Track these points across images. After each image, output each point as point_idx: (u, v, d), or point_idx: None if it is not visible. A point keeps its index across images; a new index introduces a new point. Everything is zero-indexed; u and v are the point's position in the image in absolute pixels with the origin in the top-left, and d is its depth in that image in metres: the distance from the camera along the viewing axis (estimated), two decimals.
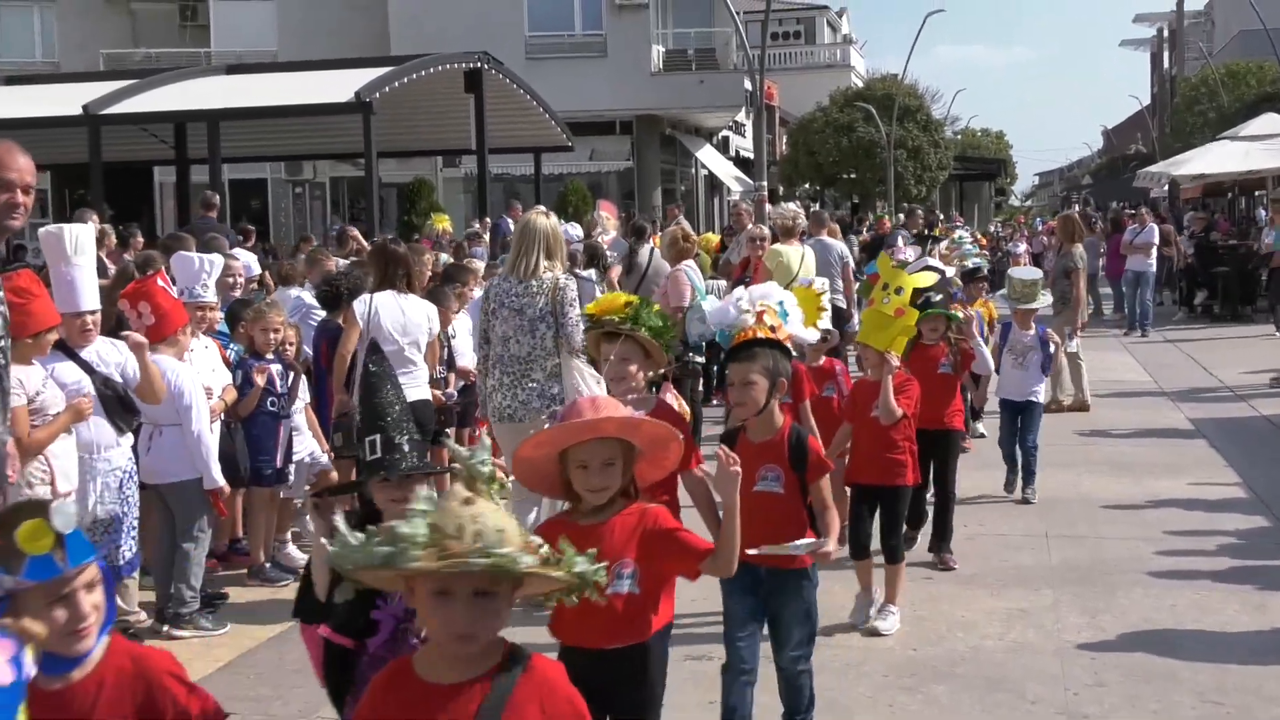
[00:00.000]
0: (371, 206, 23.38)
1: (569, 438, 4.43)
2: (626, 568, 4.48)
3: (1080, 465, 13.07)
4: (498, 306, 8.84)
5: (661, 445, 4.58)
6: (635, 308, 6.35)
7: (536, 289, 8.73)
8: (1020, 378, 11.64)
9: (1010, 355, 11.67)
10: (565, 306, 8.70)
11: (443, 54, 26.00)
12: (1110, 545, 10.02)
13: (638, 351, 6.32)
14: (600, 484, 4.46)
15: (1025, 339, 11.70)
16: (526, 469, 4.53)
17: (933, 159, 53.86)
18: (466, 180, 39.34)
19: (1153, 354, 22.07)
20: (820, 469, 5.89)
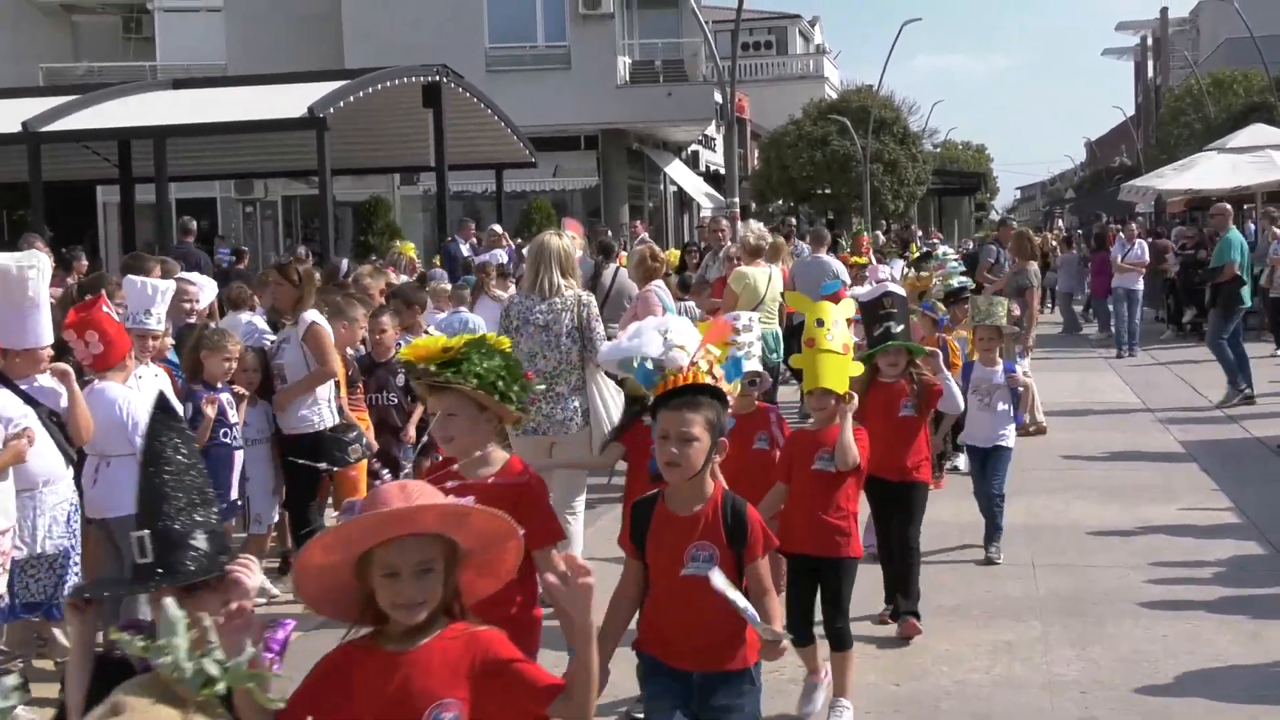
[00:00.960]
0: (326, 226, 23.34)
1: (373, 534, 3.54)
2: (448, 710, 3.59)
3: (1068, 490, 13.11)
4: (521, 324, 9.41)
5: (496, 543, 3.73)
6: (460, 350, 5.23)
7: (561, 306, 9.40)
8: (988, 421, 10.66)
9: (975, 396, 10.62)
10: (591, 322, 9.42)
11: (400, 67, 26.00)
12: (1100, 574, 10.05)
13: (466, 406, 5.24)
14: (414, 597, 3.57)
15: (991, 377, 10.70)
16: (311, 582, 3.61)
17: (910, 173, 54.12)
18: (425, 198, 39.29)
19: (1140, 374, 22.16)
20: (763, 545, 5.04)
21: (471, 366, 5.20)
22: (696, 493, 5.04)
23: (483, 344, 5.31)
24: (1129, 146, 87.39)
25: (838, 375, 7.11)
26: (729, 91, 30.85)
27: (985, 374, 10.77)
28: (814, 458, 7.17)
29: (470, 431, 5.29)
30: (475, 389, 5.18)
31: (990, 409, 10.64)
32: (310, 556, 3.56)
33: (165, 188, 22.57)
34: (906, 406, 8.67)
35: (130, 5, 43.36)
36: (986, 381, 10.69)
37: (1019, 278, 16.94)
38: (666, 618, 5.00)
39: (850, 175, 51.81)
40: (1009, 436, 10.75)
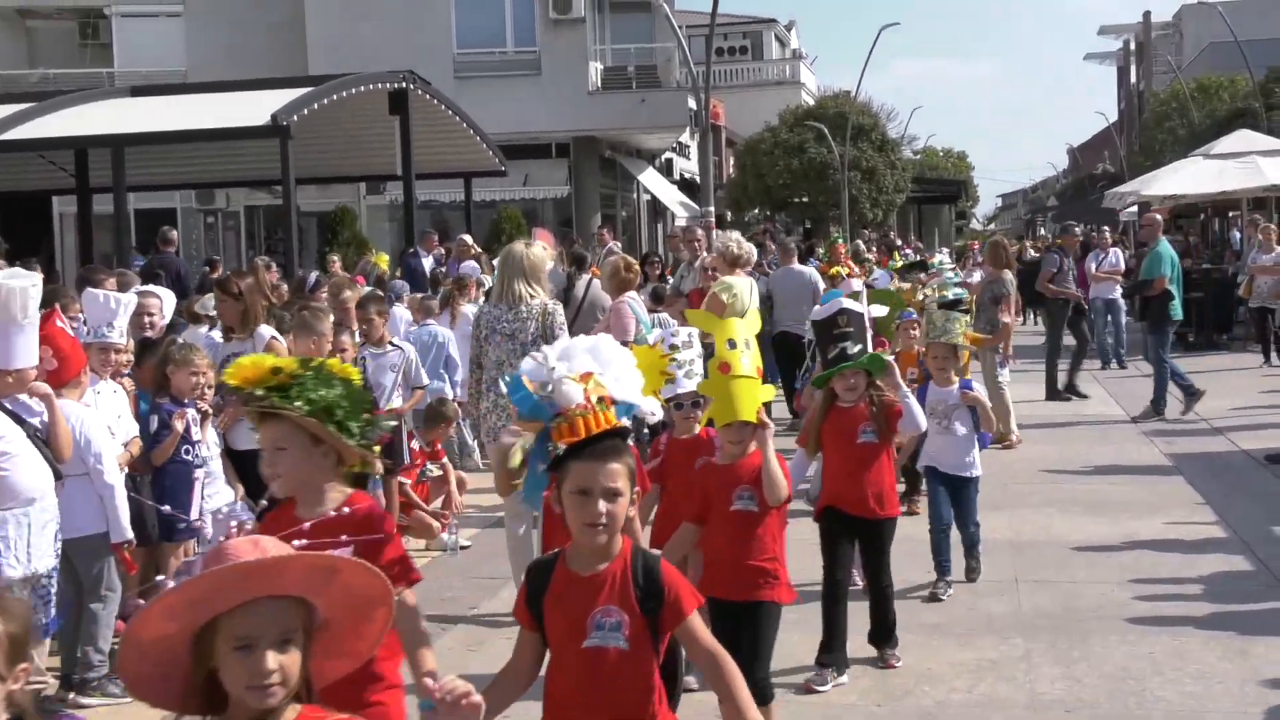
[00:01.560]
0: (290, 237, 23.27)
1: (228, 592, 3.00)
2: None
3: (1051, 505, 13.15)
4: (489, 333, 10.09)
5: (362, 610, 3.22)
6: (293, 374, 4.71)
7: (526, 315, 10.03)
8: (949, 445, 10.22)
9: (932, 419, 9.92)
10: (555, 330, 9.94)
11: (365, 73, 25.96)
12: (1084, 590, 10.09)
13: (297, 438, 4.71)
14: (272, 675, 3.03)
15: (947, 398, 10.20)
16: (137, 658, 3.06)
17: (889, 181, 54.25)
18: (392, 208, 39.22)
19: (1125, 385, 22.24)
20: (689, 600, 4.43)
21: (304, 392, 4.66)
22: (602, 550, 4.40)
23: (321, 369, 4.79)
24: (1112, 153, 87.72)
25: (753, 403, 6.57)
26: (703, 98, 30.92)
27: (941, 394, 10.22)
28: (732, 496, 6.65)
29: (301, 468, 4.73)
30: (305, 416, 4.64)
31: (949, 432, 10.18)
32: (144, 625, 2.99)
33: (124, 198, 22.46)
34: (866, 431, 8.20)
35: (87, 10, 43.19)
36: (943, 402, 10.18)
37: (994, 286, 17.00)
38: (569, 696, 4.40)
39: (828, 183, 51.90)
40: (976, 464, 10.32)
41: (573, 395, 4.60)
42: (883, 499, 8.26)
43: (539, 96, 40.16)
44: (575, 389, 4.62)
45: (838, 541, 8.24)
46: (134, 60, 41.03)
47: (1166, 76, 72.08)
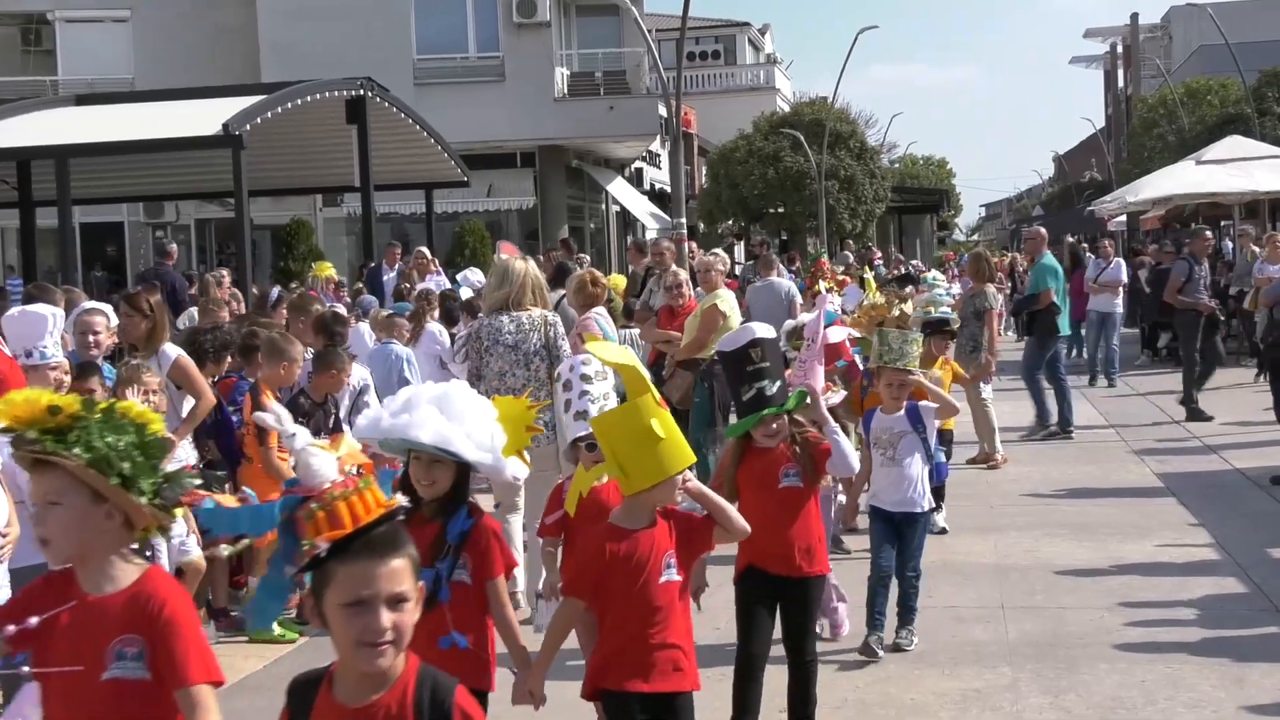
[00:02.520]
0: (243, 251, 23.22)
1: None
2: None
3: (1037, 527, 13.17)
4: (491, 344, 10.84)
5: None
6: (74, 414, 4.01)
7: (529, 326, 10.85)
8: (895, 479, 9.38)
9: (876, 450, 9.47)
10: (558, 340, 10.87)
11: (321, 80, 25.93)
12: (1073, 616, 10.11)
13: (74, 493, 4.01)
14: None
15: (893, 425, 9.42)
16: None
17: (868, 190, 54.39)
18: (350, 220, 39.17)
19: (1114, 403, 22.31)
20: None
21: (85, 437, 3.96)
22: (379, 676, 3.67)
23: (111, 412, 4.05)
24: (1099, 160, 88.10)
25: (658, 462, 5.60)
26: (674, 104, 30.90)
27: (887, 422, 9.46)
28: (661, 568, 5.70)
29: (76, 530, 4.01)
30: (84, 466, 3.94)
31: (895, 463, 9.36)
32: None
33: (68, 211, 22.40)
34: (789, 475, 7.35)
35: (29, 15, 43.01)
36: (888, 431, 9.42)
37: (977, 300, 17.04)
38: None
39: (804, 193, 51.99)
40: (924, 499, 9.47)
41: (324, 471, 3.76)
42: (811, 553, 7.38)
43: (503, 104, 40.16)
44: (327, 462, 3.79)
45: (757, 607, 7.32)
46: (79, 67, 40.86)
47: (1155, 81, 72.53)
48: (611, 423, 5.77)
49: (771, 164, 52.18)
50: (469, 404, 5.53)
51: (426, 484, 5.61)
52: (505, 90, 40.82)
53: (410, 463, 5.64)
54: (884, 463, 9.42)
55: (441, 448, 5.45)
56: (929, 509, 9.73)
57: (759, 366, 7.16)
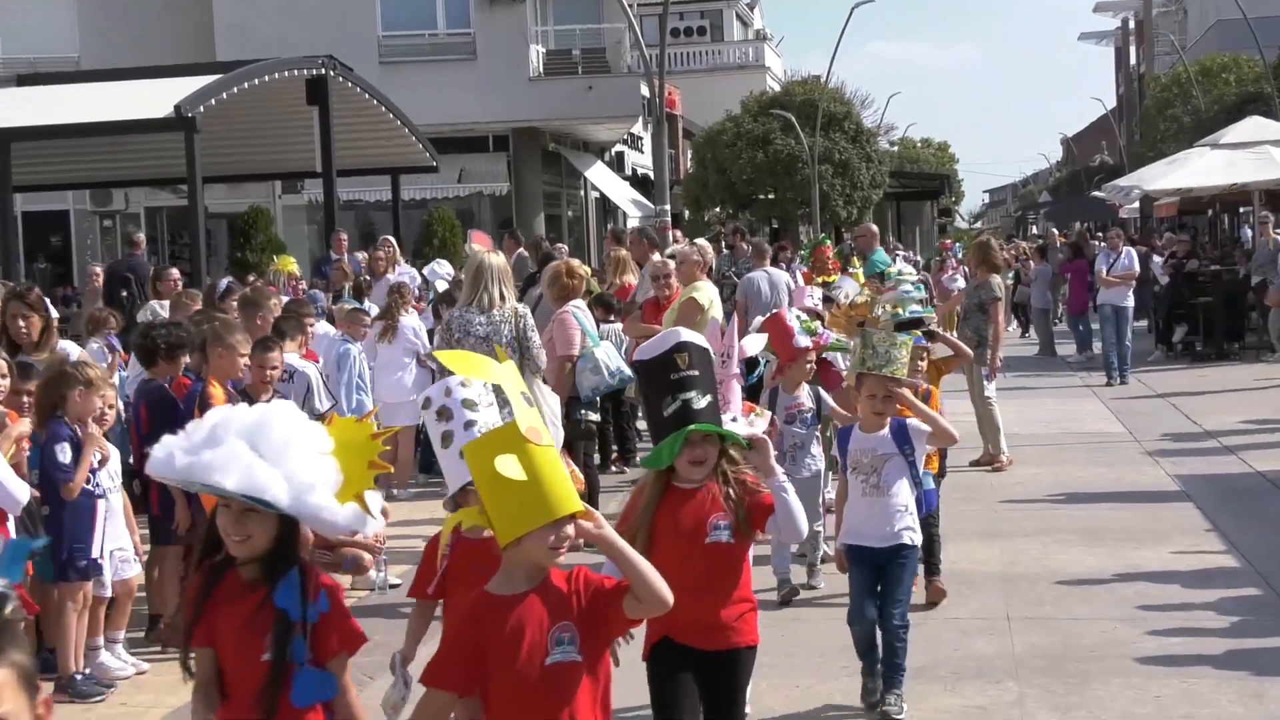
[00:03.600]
0: (197, 242, 23.19)
1: None
2: None
3: (1046, 533, 13.19)
4: (462, 336, 11.51)
5: None
6: None
7: (500, 318, 11.63)
8: (879, 510, 8.38)
9: (854, 476, 8.51)
10: (528, 332, 11.73)
11: (280, 59, 25.90)
12: (1083, 627, 10.13)
13: None
14: None
15: (876, 446, 8.47)
16: None
17: (864, 175, 54.39)
18: (311, 208, 39.16)
19: (1127, 401, 22.35)
20: None
21: None
22: None
23: None
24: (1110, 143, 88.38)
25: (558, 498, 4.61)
26: (657, 84, 30.91)
27: (868, 442, 8.52)
28: (546, 646, 4.66)
29: None
30: None
31: (879, 491, 8.39)
32: None
33: (9, 199, 22.34)
34: (718, 527, 6.11)
35: None
36: (870, 453, 8.47)
37: (981, 291, 17.05)
38: None
39: (796, 178, 51.97)
40: (912, 532, 8.45)
41: None
42: (743, 623, 6.21)
43: (474, 84, 40.14)
44: None
45: (675, 688, 6.19)
46: (20, 46, 40.76)
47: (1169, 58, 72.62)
48: (471, 454, 4.77)
49: (761, 147, 52.17)
50: (292, 435, 4.68)
51: (238, 539, 4.74)
52: (477, 69, 40.81)
53: (219, 510, 4.81)
54: (865, 491, 8.42)
55: (251, 495, 4.60)
56: (918, 543, 8.59)
57: (685, 375, 6.01)
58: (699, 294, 14.78)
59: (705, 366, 6.11)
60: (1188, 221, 43.56)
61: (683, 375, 6.00)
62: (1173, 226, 41.64)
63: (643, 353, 6.27)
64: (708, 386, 6.06)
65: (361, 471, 4.86)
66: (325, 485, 4.67)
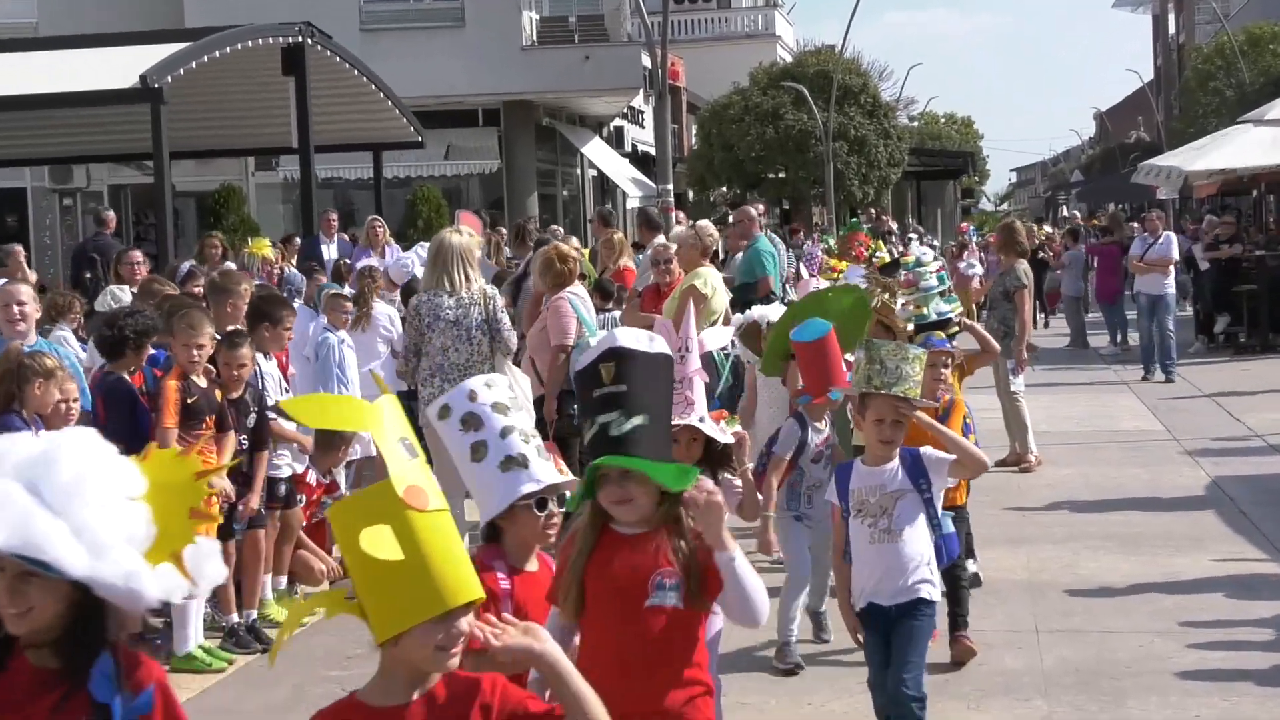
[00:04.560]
0: (164, 222, 23.15)
1: None
2: None
3: (1077, 539, 13.18)
4: (432, 320, 12.13)
5: None
6: None
7: (469, 301, 12.16)
8: (892, 562, 7.45)
9: (860, 522, 7.50)
10: (498, 314, 12.29)
11: (253, 26, 25.86)
12: (1117, 641, 10.12)
13: None
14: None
15: (886, 483, 7.49)
16: None
17: (882, 153, 54.37)
18: (287, 186, 39.11)
19: (1165, 396, 22.33)
20: None
21: None
22: None
23: None
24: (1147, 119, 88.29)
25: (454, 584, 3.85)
26: (659, 54, 30.89)
27: (873, 478, 7.53)
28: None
29: None
30: None
31: (893, 537, 7.43)
32: None
33: None
34: (664, 588, 5.08)
35: None
36: (879, 490, 7.49)
37: (1007, 278, 17.02)
38: None
39: (809, 156, 51.93)
40: (930, 585, 7.52)
41: None
42: (693, 710, 5.18)
43: (462, 53, 40.09)
44: None
45: None
46: None
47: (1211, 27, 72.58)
48: (337, 520, 3.91)
49: (771, 122, 52.13)
50: (86, 473, 3.75)
51: (15, 613, 3.81)
52: (465, 38, 40.75)
53: None
54: (874, 538, 7.45)
55: (26, 555, 3.69)
56: (937, 598, 7.66)
57: (608, 392, 5.13)
58: (700, 280, 14.70)
59: (646, 381, 5.17)
60: (1230, 203, 43.51)
61: (605, 392, 5.12)
62: (1214, 208, 41.59)
63: (580, 363, 5.41)
64: (644, 406, 5.09)
65: (181, 523, 3.90)
66: (131, 542, 3.72)
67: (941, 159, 77.96)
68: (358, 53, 28.97)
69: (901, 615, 7.37)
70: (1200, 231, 32.95)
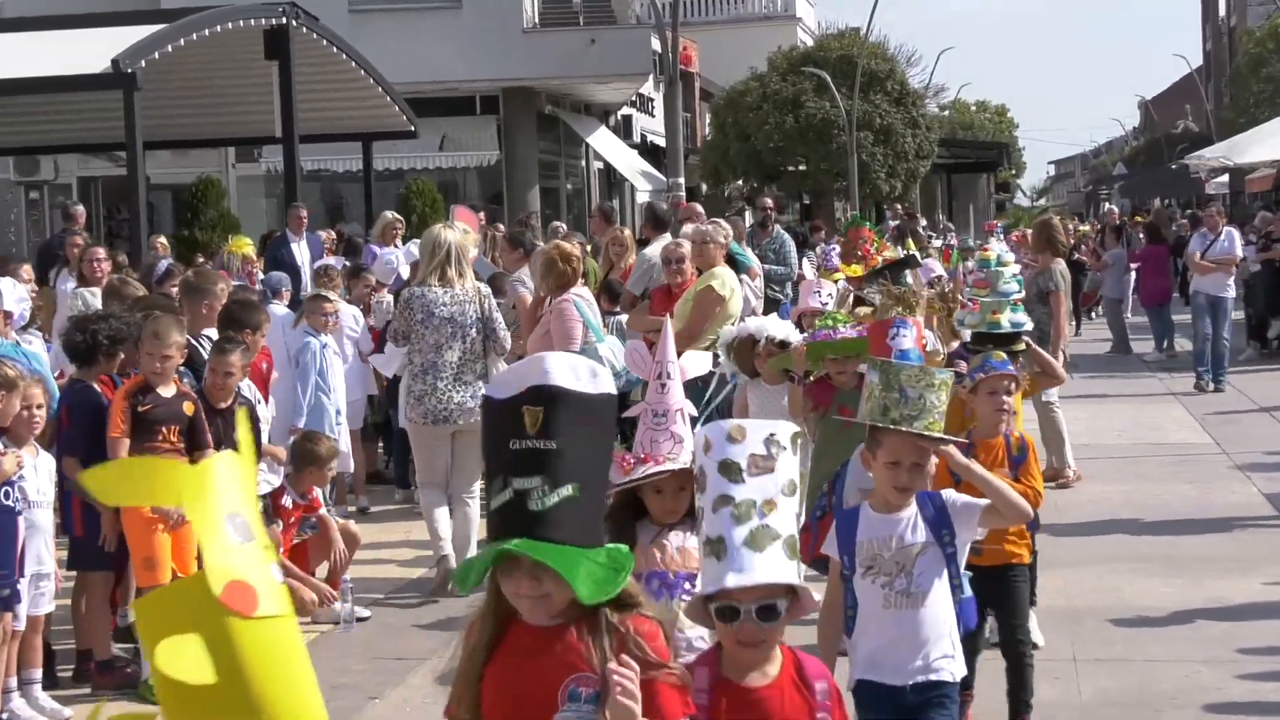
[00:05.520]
0: (137, 217, 23.19)
1: None
2: None
3: (1117, 561, 13.16)
4: (426, 316, 12.48)
5: None
6: None
7: (464, 298, 12.53)
8: (909, 630, 6.53)
9: (871, 581, 6.55)
10: (493, 312, 12.69)
11: (233, 7, 25.91)
12: (1161, 670, 10.11)
13: None
14: None
15: (900, 532, 6.56)
16: None
17: (910, 143, 54.37)
18: (270, 179, 39.14)
19: (1213, 406, 22.27)
20: None
21: None
22: None
23: None
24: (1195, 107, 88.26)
25: None
26: (670, 37, 30.94)
27: (887, 529, 6.58)
28: None
29: None
30: None
31: (914, 601, 6.50)
32: None
33: None
34: (578, 700, 4.32)
35: None
36: (894, 544, 6.55)
37: (1042, 279, 16.98)
38: None
39: (831, 146, 51.95)
40: (952, 660, 6.60)
41: None
42: None
43: (459, 36, 40.12)
44: None
45: None
46: None
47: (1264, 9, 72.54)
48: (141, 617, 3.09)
49: (791, 111, 52.15)
50: None
51: None
52: (461, 19, 40.80)
53: None
54: (890, 600, 6.54)
55: None
56: (959, 678, 6.73)
57: (530, 447, 4.23)
58: (717, 281, 14.34)
59: (583, 433, 4.29)
60: None
61: (527, 447, 4.22)
62: (1268, 204, 41.60)
63: (491, 389, 4.50)
64: (577, 470, 4.23)
65: None
66: None
67: (974, 150, 77.94)
68: (346, 35, 29.02)
69: (922, 703, 6.47)
70: (1251, 230, 32.88)
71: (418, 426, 12.89)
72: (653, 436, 6.03)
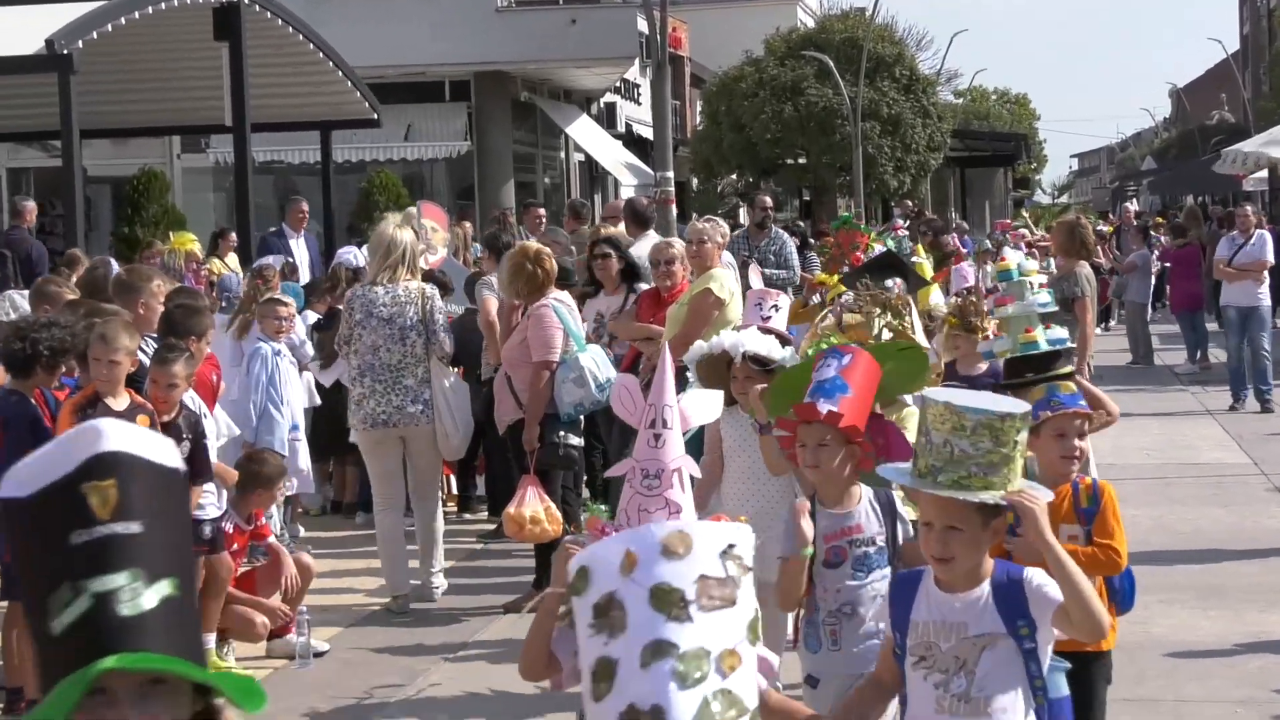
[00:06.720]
0: (73, 211, 23.16)
1: None
2: None
3: (1147, 591, 13.09)
4: (364, 316, 12.98)
5: None
6: None
7: (405, 299, 13.00)
8: None
9: (924, 676, 5.65)
10: (435, 315, 13.10)
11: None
12: (1196, 711, 10.16)
13: None
14: None
15: (966, 619, 5.60)
16: None
17: (920, 135, 54.40)
18: (219, 171, 39.17)
19: (1250, 423, 22.30)
20: None
21: None
22: None
23: None
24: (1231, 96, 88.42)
25: None
26: (658, 17, 30.91)
27: (950, 611, 5.64)
28: None
29: None
30: None
31: (973, 706, 5.54)
32: None
33: None
34: None
35: None
36: (954, 631, 5.62)
37: (1066, 284, 16.95)
38: None
39: (834, 137, 51.94)
40: None
41: None
42: None
43: (427, 16, 40.16)
44: None
45: None
46: None
47: None
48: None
49: (790, 98, 52.19)
50: None
51: None
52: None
53: None
54: (945, 703, 5.60)
55: None
56: None
57: (110, 534, 3.20)
58: (715, 283, 13.86)
59: (166, 512, 3.31)
60: None
61: (100, 536, 3.20)
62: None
63: (12, 485, 3.30)
64: (170, 561, 3.26)
65: None
66: None
67: (990, 142, 77.94)
68: (303, 15, 28.96)
69: None
70: None
71: (362, 434, 13.43)
72: (641, 504, 4.97)
